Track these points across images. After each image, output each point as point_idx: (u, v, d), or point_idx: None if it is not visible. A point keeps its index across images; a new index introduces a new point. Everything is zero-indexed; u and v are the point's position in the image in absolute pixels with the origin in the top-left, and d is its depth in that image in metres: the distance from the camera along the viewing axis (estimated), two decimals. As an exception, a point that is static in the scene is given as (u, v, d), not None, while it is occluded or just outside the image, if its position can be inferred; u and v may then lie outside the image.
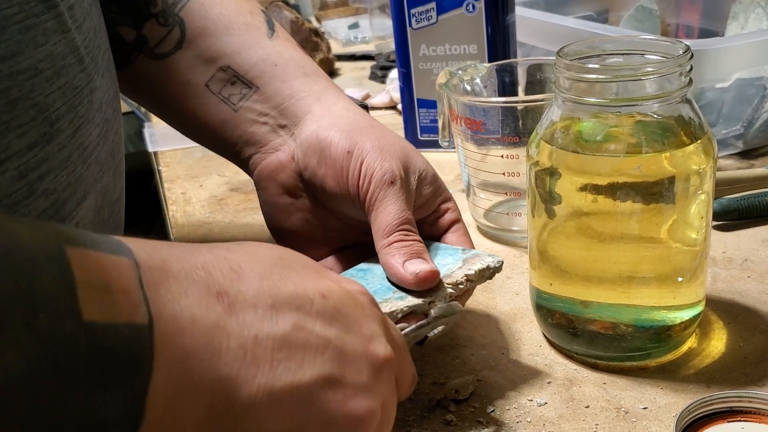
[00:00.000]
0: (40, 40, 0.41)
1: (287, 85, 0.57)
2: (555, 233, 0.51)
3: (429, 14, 0.86)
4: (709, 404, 0.45)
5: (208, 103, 0.58)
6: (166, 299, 0.30)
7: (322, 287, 0.36)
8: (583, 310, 0.52)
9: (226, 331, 0.31)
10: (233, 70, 0.57)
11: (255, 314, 0.33)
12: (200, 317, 0.31)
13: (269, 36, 0.58)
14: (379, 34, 1.49)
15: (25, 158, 0.40)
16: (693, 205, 0.49)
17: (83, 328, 0.26)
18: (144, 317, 0.28)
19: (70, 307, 0.26)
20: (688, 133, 0.48)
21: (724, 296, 0.59)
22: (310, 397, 0.33)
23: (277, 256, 0.36)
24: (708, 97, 0.80)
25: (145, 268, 0.30)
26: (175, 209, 0.84)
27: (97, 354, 0.26)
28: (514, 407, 0.49)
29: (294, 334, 0.33)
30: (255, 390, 0.32)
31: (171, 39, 0.57)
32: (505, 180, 0.68)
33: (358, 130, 0.53)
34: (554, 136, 0.50)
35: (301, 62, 0.58)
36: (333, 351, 0.35)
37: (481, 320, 0.59)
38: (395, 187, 0.51)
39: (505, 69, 0.75)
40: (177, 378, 0.29)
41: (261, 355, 0.32)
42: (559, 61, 0.48)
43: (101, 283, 0.28)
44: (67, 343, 0.25)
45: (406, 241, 0.49)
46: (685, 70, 0.47)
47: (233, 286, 0.33)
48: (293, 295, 0.35)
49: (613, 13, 1.06)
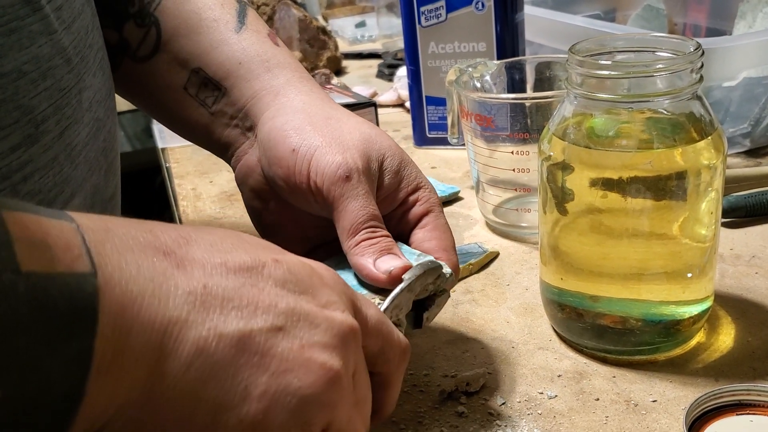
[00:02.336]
0: (25, 42, 0.41)
1: (249, 85, 0.55)
2: (566, 229, 0.52)
3: (438, 12, 0.86)
4: (718, 397, 0.46)
5: (190, 107, 0.57)
6: (111, 253, 0.29)
7: (277, 254, 0.36)
8: (593, 305, 0.52)
9: (174, 280, 0.31)
10: (204, 72, 0.56)
11: (203, 270, 0.32)
12: (147, 268, 0.30)
13: (237, 30, 0.57)
14: (386, 32, 1.49)
15: (8, 160, 0.40)
16: (703, 202, 0.49)
17: (22, 278, 0.26)
18: (86, 266, 0.28)
19: (5, 259, 0.26)
20: (699, 130, 0.49)
21: (732, 292, 0.59)
22: (264, 344, 0.32)
23: (231, 234, 0.36)
24: (715, 96, 0.81)
25: (87, 229, 0.30)
26: (186, 204, 0.84)
27: (38, 303, 0.26)
28: (524, 400, 0.50)
29: (245, 290, 0.33)
30: (205, 333, 0.31)
31: (149, 41, 0.57)
32: (514, 176, 0.69)
33: (310, 125, 0.51)
34: (566, 131, 0.50)
35: (265, 56, 0.56)
36: (285, 307, 0.34)
37: (491, 315, 0.59)
38: (352, 181, 0.48)
39: (515, 66, 0.76)
40: (124, 322, 0.29)
41: (211, 302, 0.32)
42: (572, 58, 0.49)
43: (40, 240, 0.27)
44: (5, 295, 0.25)
45: (373, 238, 0.47)
46: (696, 67, 0.48)
47: (180, 249, 0.32)
48: (243, 257, 0.34)
49: (621, 12, 1.07)
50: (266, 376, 0.32)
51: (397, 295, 0.45)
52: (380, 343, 0.39)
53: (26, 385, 0.26)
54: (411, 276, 0.45)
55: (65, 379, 0.27)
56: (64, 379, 0.27)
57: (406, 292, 0.45)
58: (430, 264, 0.46)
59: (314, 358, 0.33)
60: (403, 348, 0.41)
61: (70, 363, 0.27)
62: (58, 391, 0.27)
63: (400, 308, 0.45)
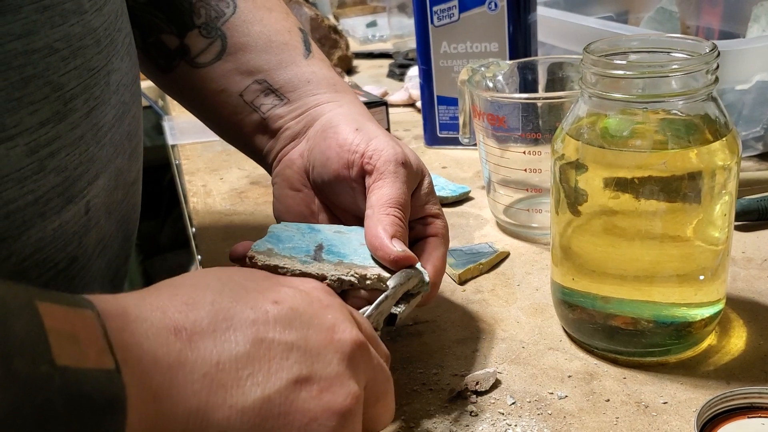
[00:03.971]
0: (57, 20, 0.42)
1: (315, 98, 0.59)
2: (579, 230, 0.51)
3: (451, 12, 0.86)
4: (730, 400, 0.46)
5: (242, 112, 0.60)
6: (129, 343, 0.31)
7: (274, 295, 0.37)
8: (604, 306, 0.52)
9: (189, 365, 0.33)
10: (268, 83, 0.59)
11: (214, 340, 0.34)
12: (162, 356, 0.32)
13: (305, 56, 0.61)
14: (397, 32, 1.49)
15: (36, 135, 0.41)
16: (717, 204, 0.49)
17: (58, 372, 0.27)
18: (111, 363, 0.30)
19: (43, 352, 0.27)
20: (713, 131, 0.48)
21: (744, 295, 0.59)
22: (285, 402, 0.35)
23: (225, 277, 0.38)
24: (728, 99, 0.80)
25: (106, 316, 0.31)
26: (196, 201, 0.85)
27: (73, 396, 0.28)
28: (535, 400, 0.49)
29: (254, 349, 0.35)
30: (227, 412, 0.33)
31: (212, 50, 0.60)
32: (525, 176, 0.69)
33: (370, 121, 0.56)
34: (580, 131, 0.50)
35: (332, 81, 0.60)
36: (297, 352, 0.36)
37: (501, 315, 0.59)
38: (404, 169, 0.51)
39: (527, 67, 0.76)
40: (150, 415, 0.31)
41: (226, 378, 0.34)
42: (586, 57, 0.49)
43: (69, 332, 0.29)
44: (43, 386, 0.27)
45: (399, 222, 0.49)
46: (712, 68, 0.48)
47: (188, 319, 0.34)
48: (246, 310, 0.36)
49: (633, 15, 1.07)
50: (293, 430, 0.35)
51: (381, 301, 0.46)
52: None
53: None
54: (396, 284, 0.47)
55: None
56: None
57: (390, 299, 0.47)
58: (413, 272, 0.48)
59: (333, 400, 0.36)
60: (386, 356, 0.43)
61: None
62: None
63: (381, 314, 0.47)
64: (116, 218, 0.50)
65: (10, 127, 0.39)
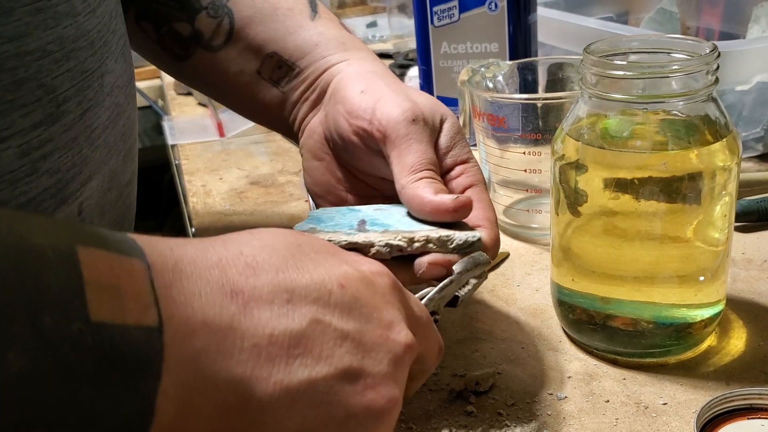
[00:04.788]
0: (50, 23, 0.42)
1: (325, 60, 0.57)
2: (579, 231, 0.51)
3: (451, 12, 0.86)
4: (730, 401, 0.46)
5: (263, 89, 0.60)
6: (178, 301, 0.30)
7: (340, 275, 0.35)
8: (604, 306, 0.52)
9: (240, 331, 0.31)
10: (279, 55, 0.59)
11: (270, 311, 0.32)
12: (213, 318, 0.31)
13: (311, 18, 0.60)
14: (398, 32, 1.49)
15: (29, 137, 0.40)
16: (718, 205, 0.49)
17: (91, 328, 0.26)
18: (154, 320, 0.28)
19: (78, 307, 0.26)
20: (713, 132, 0.48)
21: (744, 296, 0.59)
22: (329, 391, 0.33)
23: (294, 244, 0.36)
24: (728, 100, 0.80)
25: (157, 270, 0.30)
26: (196, 201, 0.85)
27: (105, 356, 0.26)
28: (534, 400, 0.49)
29: (310, 329, 0.33)
30: (270, 389, 0.31)
31: (222, 30, 0.59)
32: (525, 177, 0.69)
33: (378, 79, 0.53)
34: (580, 131, 0.50)
35: (341, 39, 0.59)
36: (351, 343, 0.34)
37: (500, 315, 0.59)
38: (418, 124, 0.49)
39: (527, 67, 0.76)
40: (188, 379, 0.29)
41: (276, 353, 0.32)
42: (587, 58, 0.49)
43: (111, 284, 0.27)
44: (73, 344, 0.25)
45: (435, 180, 0.47)
46: (712, 69, 0.48)
47: (248, 283, 0.32)
48: (310, 286, 0.34)
49: (633, 15, 1.07)
50: (332, 424, 0.33)
51: (445, 286, 0.44)
52: (422, 345, 0.40)
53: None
54: (462, 268, 0.44)
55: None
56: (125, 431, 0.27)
57: (455, 285, 0.45)
58: (481, 258, 0.45)
59: (375, 400, 0.34)
60: (439, 349, 0.42)
61: (133, 417, 0.27)
62: None
63: (444, 299, 0.44)
64: (110, 219, 0.50)
65: (2, 129, 0.39)
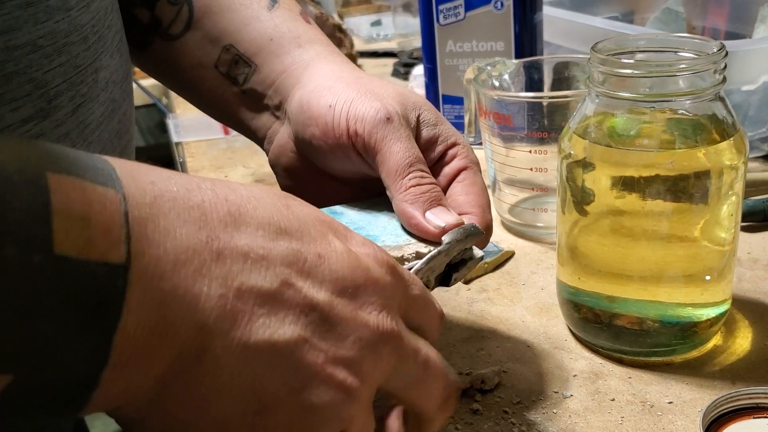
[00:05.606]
0: (41, 17, 0.41)
1: (280, 60, 0.55)
2: (586, 230, 0.51)
3: (457, 11, 0.86)
4: (736, 400, 0.46)
5: (221, 86, 0.57)
6: (151, 239, 0.29)
7: (322, 247, 0.34)
8: (610, 305, 0.52)
9: (209, 279, 0.30)
10: (235, 48, 0.56)
11: (243, 264, 0.31)
12: (184, 262, 0.30)
13: (269, 8, 0.57)
14: (402, 31, 1.49)
15: (19, 132, 0.40)
16: (724, 205, 0.49)
17: (52, 261, 0.25)
18: (121, 257, 0.27)
19: (41, 237, 0.25)
20: (720, 131, 0.48)
21: (750, 296, 0.59)
22: (288, 355, 0.32)
23: (283, 204, 0.35)
24: (734, 100, 0.80)
25: (133, 203, 0.28)
26: (201, 198, 0.84)
27: (64, 291, 0.26)
28: (540, 398, 0.49)
29: (279, 290, 0.32)
30: (228, 342, 0.30)
31: (181, 19, 0.57)
32: (531, 176, 0.69)
33: (341, 84, 0.51)
34: (587, 130, 0.50)
35: (296, 32, 0.56)
36: (318, 315, 0.33)
37: (506, 314, 0.59)
38: (393, 123, 0.47)
39: (533, 66, 0.76)
40: (149, 321, 0.28)
41: (241, 308, 0.31)
42: (594, 56, 0.49)
43: (80, 214, 0.26)
44: (32, 277, 0.25)
45: (423, 185, 0.46)
46: (719, 68, 0.48)
47: (226, 231, 0.31)
48: (288, 249, 0.33)
49: (639, 15, 1.06)
50: (284, 390, 0.32)
51: (433, 257, 0.43)
52: (419, 318, 0.38)
53: (41, 372, 0.26)
54: (451, 239, 0.43)
55: (81, 368, 0.27)
56: (79, 368, 0.27)
57: (443, 256, 0.44)
58: (472, 229, 0.44)
59: (335, 375, 0.33)
60: (440, 317, 0.40)
61: (89, 354, 0.27)
62: (72, 379, 0.27)
63: (432, 270, 0.44)
64: None
65: None
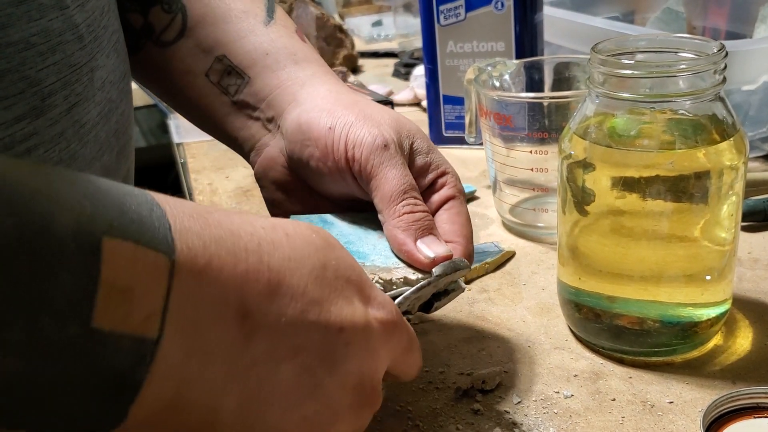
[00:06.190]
0: (35, 14, 0.41)
1: (275, 75, 0.56)
2: (586, 230, 0.51)
3: (458, 11, 0.86)
4: (736, 400, 0.46)
5: (210, 95, 0.57)
6: (186, 317, 0.30)
7: (344, 318, 0.36)
8: (610, 305, 0.52)
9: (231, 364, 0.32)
10: (228, 59, 0.56)
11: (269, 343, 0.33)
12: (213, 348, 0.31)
13: (265, 23, 0.57)
14: (403, 32, 1.49)
15: (11, 130, 0.40)
16: (725, 204, 0.49)
17: (87, 333, 0.26)
18: (154, 333, 0.28)
19: (83, 311, 0.26)
20: (721, 131, 0.48)
21: (750, 296, 0.59)
22: None
23: (319, 264, 0.36)
24: (735, 100, 0.80)
25: (181, 270, 0.29)
26: (202, 199, 0.85)
27: (92, 363, 0.27)
28: (540, 398, 0.50)
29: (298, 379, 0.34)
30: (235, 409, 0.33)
31: (174, 26, 0.57)
32: (531, 176, 0.69)
33: (340, 106, 0.52)
34: (587, 130, 0.50)
35: (292, 49, 0.57)
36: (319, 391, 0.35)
37: (507, 314, 0.59)
38: (390, 150, 0.49)
39: (534, 66, 0.76)
40: (166, 396, 0.30)
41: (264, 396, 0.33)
42: (594, 57, 0.49)
43: (126, 286, 0.27)
44: (63, 348, 0.26)
45: (415, 212, 0.47)
46: (719, 68, 0.48)
47: (260, 308, 0.33)
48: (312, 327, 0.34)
49: (639, 15, 1.07)
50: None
51: (422, 287, 0.44)
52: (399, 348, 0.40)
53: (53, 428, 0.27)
54: (441, 272, 0.45)
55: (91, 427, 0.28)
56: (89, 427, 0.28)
57: (431, 287, 0.45)
58: (461, 264, 0.46)
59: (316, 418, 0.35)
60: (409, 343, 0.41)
61: (102, 417, 0.28)
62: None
63: (419, 299, 0.45)
64: None
65: None
